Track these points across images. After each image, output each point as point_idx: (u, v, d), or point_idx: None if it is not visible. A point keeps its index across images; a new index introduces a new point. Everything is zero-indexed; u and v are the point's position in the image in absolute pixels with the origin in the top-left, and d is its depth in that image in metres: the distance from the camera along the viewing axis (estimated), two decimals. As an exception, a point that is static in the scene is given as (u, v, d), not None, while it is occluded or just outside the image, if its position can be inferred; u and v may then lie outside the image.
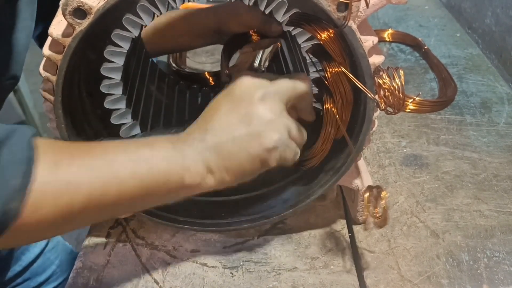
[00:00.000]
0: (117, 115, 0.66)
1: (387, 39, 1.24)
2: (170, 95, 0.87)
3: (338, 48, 0.57)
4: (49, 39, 0.55)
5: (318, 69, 0.64)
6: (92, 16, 0.51)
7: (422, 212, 0.76)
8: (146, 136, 0.56)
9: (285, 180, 0.75)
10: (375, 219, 0.61)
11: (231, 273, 0.69)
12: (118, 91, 0.64)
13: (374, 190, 0.61)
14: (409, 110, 0.62)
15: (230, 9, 0.86)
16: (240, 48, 0.88)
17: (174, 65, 1.10)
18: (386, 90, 0.55)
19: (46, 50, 0.55)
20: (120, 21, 0.58)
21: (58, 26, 0.54)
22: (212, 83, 1.01)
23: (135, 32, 0.59)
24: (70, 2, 0.50)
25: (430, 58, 1.14)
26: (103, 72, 0.62)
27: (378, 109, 0.59)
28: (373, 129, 0.64)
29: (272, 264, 0.70)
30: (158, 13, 0.57)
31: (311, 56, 0.63)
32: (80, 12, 0.51)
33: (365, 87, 0.57)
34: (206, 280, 0.68)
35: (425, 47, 1.17)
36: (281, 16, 0.58)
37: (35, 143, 0.47)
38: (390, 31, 1.25)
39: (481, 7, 1.24)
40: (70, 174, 0.47)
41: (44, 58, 0.56)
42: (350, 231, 0.73)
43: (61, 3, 0.50)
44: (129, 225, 0.76)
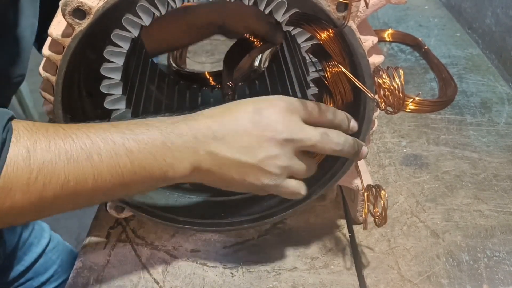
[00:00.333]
0: (117, 115, 0.66)
1: (387, 39, 1.24)
2: (170, 95, 0.87)
3: (338, 48, 0.57)
4: (49, 39, 0.55)
5: (318, 69, 0.64)
6: (92, 16, 0.51)
7: (422, 212, 0.76)
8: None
9: (285, 180, 0.75)
10: (375, 218, 0.61)
11: (231, 273, 0.69)
12: (118, 91, 0.64)
13: (374, 190, 0.61)
14: (409, 110, 0.62)
15: (237, 10, 0.86)
16: (241, 57, 0.87)
17: (174, 65, 1.10)
18: (386, 90, 0.55)
19: (46, 50, 0.55)
20: (120, 21, 0.58)
21: (58, 26, 0.54)
22: (212, 83, 1.01)
23: (135, 32, 0.59)
24: (70, 2, 0.50)
25: (430, 58, 1.14)
26: (103, 72, 0.62)
27: (378, 109, 0.59)
28: (373, 129, 0.64)
29: (272, 264, 0.70)
30: (158, 13, 0.57)
31: (311, 56, 0.63)
32: (80, 12, 0.51)
33: (365, 87, 0.57)
34: (206, 280, 0.68)
35: (425, 47, 1.17)
36: (281, 16, 0.58)
37: (13, 126, 0.45)
38: (390, 31, 1.25)
39: (481, 7, 1.24)
40: (46, 158, 0.45)
41: (44, 58, 0.56)
42: (350, 231, 0.73)
43: (61, 3, 0.50)
44: (129, 225, 0.76)
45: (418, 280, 0.66)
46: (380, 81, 0.56)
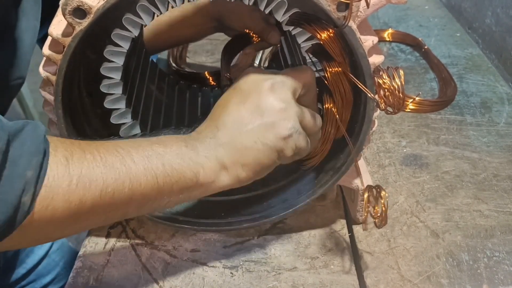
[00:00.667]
0: (117, 115, 0.66)
1: (387, 39, 1.24)
2: (170, 95, 0.87)
3: (338, 48, 0.57)
4: (49, 39, 0.55)
5: (318, 69, 0.64)
6: (92, 16, 0.51)
7: (422, 212, 0.76)
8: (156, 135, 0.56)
9: (285, 180, 0.75)
10: (375, 219, 0.61)
11: (231, 273, 0.69)
12: (118, 91, 0.64)
13: (374, 190, 0.61)
14: (409, 110, 0.62)
15: (233, 8, 0.86)
16: (240, 51, 0.88)
17: (174, 65, 1.10)
18: (386, 90, 0.55)
19: (46, 50, 0.55)
20: (120, 21, 0.58)
21: (58, 26, 0.54)
22: (212, 83, 1.01)
23: (135, 32, 0.59)
24: (70, 2, 0.50)
25: (430, 58, 1.14)
26: (103, 72, 0.62)
27: (378, 109, 0.59)
28: (373, 129, 0.64)
29: (272, 264, 0.70)
30: (158, 13, 0.57)
31: (311, 56, 0.63)
32: (80, 12, 0.51)
33: (365, 87, 0.57)
34: (206, 280, 0.68)
35: (425, 47, 1.17)
36: (281, 16, 0.58)
37: (48, 138, 0.46)
38: (390, 31, 1.25)
39: (481, 7, 1.24)
40: (83, 170, 0.46)
41: (44, 58, 0.56)
42: (350, 231, 0.73)
43: (61, 3, 0.50)
44: (129, 225, 0.76)
45: (418, 280, 0.66)
46: (380, 81, 0.56)
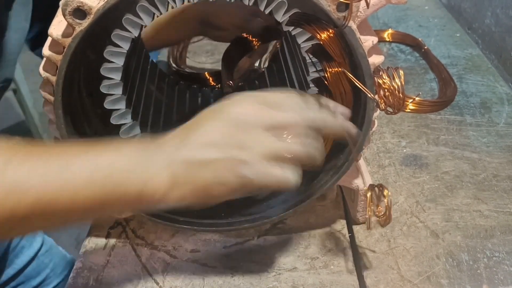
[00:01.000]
0: (117, 115, 0.66)
1: (387, 39, 1.24)
2: (170, 95, 0.87)
3: (338, 48, 0.57)
4: (49, 39, 0.56)
5: (318, 69, 0.64)
6: (92, 16, 0.51)
7: (422, 212, 0.76)
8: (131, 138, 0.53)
9: (285, 180, 0.75)
10: (379, 218, 0.61)
11: (231, 273, 0.69)
12: (118, 91, 0.64)
13: (377, 189, 0.61)
14: (409, 110, 0.62)
15: (223, 8, 0.86)
16: (240, 58, 0.87)
17: (174, 65, 1.10)
18: (386, 90, 0.55)
19: (46, 50, 0.55)
20: (120, 21, 0.58)
21: (58, 26, 0.54)
22: (212, 83, 1.01)
23: (135, 32, 0.59)
24: (70, 2, 0.50)
25: (430, 58, 1.14)
26: (103, 72, 0.62)
27: (378, 109, 0.59)
28: (373, 129, 0.64)
29: (272, 264, 0.70)
30: (158, 13, 0.57)
31: (311, 56, 0.63)
32: (80, 12, 0.51)
33: (365, 87, 0.57)
34: (206, 280, 0.68)
35: (425, 47, 1.17)
36: (281, 16, 0.58)
37: None
38: (390, 31, 1.25)
39: (481, 7, 1.24)
40: (19, 175, 0.44)
41: (44, 58, 0.56)
42: (350, 231, 0.73)
43: (61, 3, 0.51)
44: (129, 225, 0.76)
45: (418, 280, 0.66)
46: (380, 82, 0.56)
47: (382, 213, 0.60)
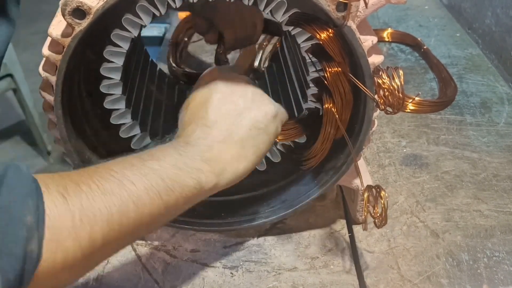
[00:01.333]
0: (117, 115, 0.66)
1: (387, 39, 1.24)
2: (170, 95, 0.87)
3: (338, 48, 0.57)
4: (49, 39, 0.55)
5: (318, 69, 0.64)
6: (92, 16, 0.51)
7: (422, 212, 0.76)
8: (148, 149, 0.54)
9: (285, 180, 0.75)
10: (375, 219, 0.61)
11: (231, 273, 0.69)
12: (118, 91, 0.64)
13: (374, 190, 0.61)
14: (409, 111, 0.62)
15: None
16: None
17: (174, 65, 1.10)
18: (386, 90, 0.55)
19: (46, 50, 0.55)
20: (120, 21, 0.58)
21: (58, 26, 0.54)
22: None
23: (135, 32, 0.59)
24: (70, 2, 0.50)
25: (430, 58, 1.14)
26: (103, 72, 0.62)
27: (378, 109, 0.59)
28: (373, 129, 0.64)
29: (272, 264, 0.70)
30: (158, 13, 0.57)
31: (311, 56, 0.63)
32: (80, 12, 0.51)
33: (365, 87, 0.57)
34: (206, 280, 0.68)
35: (424, 47, 1.17)
36: (281, 16, 0.58)
37: (36, 177, 0.42)
38: (389, 31, 1.25)
39: (481, 7, 1.24)
40: (82, 203, 0.42)
41: (44, 58, 0.56)
42: (350, 231, 0.73)
43: (61, 3, 0.50)
44: (129, 225, 0.76)
45: (418, 280, 0.66)
46: (380, 81, 0.56)
47: (378, 214, 0.60)
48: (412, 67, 1.13)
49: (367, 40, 0.57)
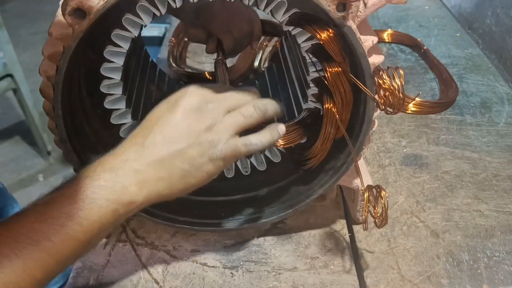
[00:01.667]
0: (117, 115, 0.66)
1: (386, 40, 1.24)
2: (170, 95, 0.87)
3: (338, 48, 0.57)
4: (49, 39, 0.55)
5: (318, 69, 0.64)
6: (92, 16, 0.51)
7: (422, 212, 0.76)
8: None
9: (285, 180, 0.75)
10: (375, 219, 0.61)
11: (231, 273, 0.69)
12: (118, 91, 0.64)
13: (374, 190, 0.61)
14: (411, 112, 0.62)
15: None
16: None
17: (174, 65, 1.10)
18: (386, 90, 0.55)
19: (46, 50, 0.55)
20: (120, 21, 0.58)
21: (58, 26, 0.54)
22: (212, 83, 1.01)
23: (135, 32, 0.59)
24: (70, 2, 0.50)
25: (430, 59, 1.14)
26: (103, 72, 0.62)
27: (378, 109, 0.59)
28: (373, 129, 0.64)
29: (272, 264, 0.70)
30: (158, 13, 0.57)
31: (311, 56, 0.63)
32: (80, 12, 0.51)
33: (365, 87, 0.57)
34: (206, 280, 0.68)
35: (424, 48, 1.17)
36: (281, 16, 0.58)
37: None
38: (389, 32, 1.25)
39: (481, 7, 1.24)
40: (5, 279, 0.45)
41: (44, 58, 0.56)
42: (350, 231, 0.73)
43: (61, 3, 0.50)
44: (129, 225, 0.76)
45: (418, 280, 0.66)
46: (380, 81, 0.56)
47: (379, 214, 0.60)
48: (412, 67, 1.13)
49: (367, 40, 0.57)
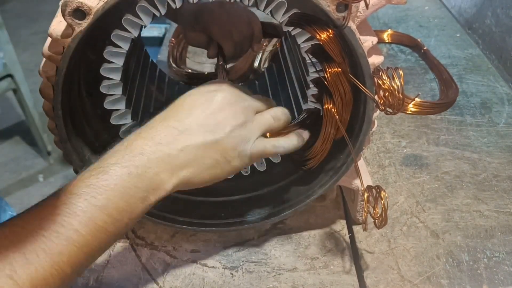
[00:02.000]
0: (117, 116, 0.66)
1: (386, 40, 1.24)
2: (170, 95, 0.87)
3: (338, 49, 0.57)
4: (49, 40, 0.55)
5: (318, 70, 0.64)
6: (92, 17, 0.51)
7: (422, 212, 0.76)
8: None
9: (285, 180, 0.75)
10: (375, 219, 0.61)
11: (231, 273, 0.69)
12: (118, 92, 0.64)
13: (374, 190, 0.61)
14: (411, 112, 0.62)
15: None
16: None
17: (174, 66, 1.10)
18: (386, 91, 0.55)
19: (46, 51, 0.55)
20: (120, 22, 0.58)
21: (58, 27, 0.54)
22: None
23: (135, 33, 0.59)
24: (70, 3, 0.50)
25: (430, 59, 1.14)
26: (103, 73, 0.62)
27: (378, 109, 0.59)
28: (373, 129, 0.64)
29: (272, 264, 0.70)
30: (158, 14, 0.57)
31: (311, 57, 0.63)
32: (80, 13, 0.51)
33: (365, 87, 0.57)
34: (206, 280, 0.68)
35: (424, 48, 1.17)
36: (281, 16, 0.58)
37: None
38: (389, 32, 1.25)
39: (481, 8, 1.24)
40: (32, 275, 0.43)
41: (44, 59, 0.56)
42: (350, 231, 0.73)
43: (61, 4, 0.51)
44: (129, 226, 0.76)
45: (418, 281, 0.66)
46: (380, 82, 0.56)
47: (378, 215, 0.60)
48: (412, 68, 1.13)
49: (367, 41, 0.57)
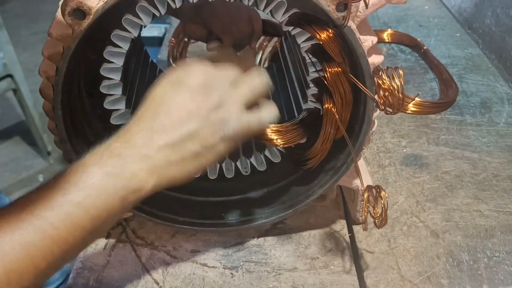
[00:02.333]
0: (117, 116, 0.66)
1: (386, 40, 1.24)
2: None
3: (338, 48, 0.57)
4: (49, 40, 0.55)
5: (318, 69, 0.64)
6: (92, 17, 0.51)
7: (422, 212, 0.76)
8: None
9: (285, 180, 0.75)
10: (375, 219, 0.61)
11: (231, 273, 0.69)
12: (118, 92, 0.64)
13: (374, 190, 0.61)
14: (411, 112, 0.62)
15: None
16: None
17: (174, 65, 1.10)
18: (386, 90, 0.55)
19: (46, 51, 0.55)
20: (120, 22, 0.58)
21: (58, 27, 0.54)
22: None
23: (135, 33, 0.59)
24: (70, 3, 0.50)
25: (430, 59, 1.14)
26: (103, 73, 0.62)
27: (378, 109, 0.59)
28: (373, 129, 0.64)
29: (272, 264, 0.70)
30: (158, 14, 0.57)
31: (311, 56, 0.63)
32: (80, 13, 0.51)
33: (365, 87, 0.57)
34: (206, 280, 0.68)
35: (424, 48, 1.17)
36: (281, 16, 0.58)
37: None
38: (389, 32, 1.24)
39: (481, 7, 1.24)
40: (6, 267, 0.43)
41: (44, 59, 0.56)
42: (350, 231, 0.73)
43: (61, 4, 0.51)
44: (129, 225, 0.76)
45: (418, 280, 0.66)
46: (380, 81, 0.56)
47: (378, 214, 0.59)
48: (412, 67, 1.13)
49: (367, 40, 0.57)
